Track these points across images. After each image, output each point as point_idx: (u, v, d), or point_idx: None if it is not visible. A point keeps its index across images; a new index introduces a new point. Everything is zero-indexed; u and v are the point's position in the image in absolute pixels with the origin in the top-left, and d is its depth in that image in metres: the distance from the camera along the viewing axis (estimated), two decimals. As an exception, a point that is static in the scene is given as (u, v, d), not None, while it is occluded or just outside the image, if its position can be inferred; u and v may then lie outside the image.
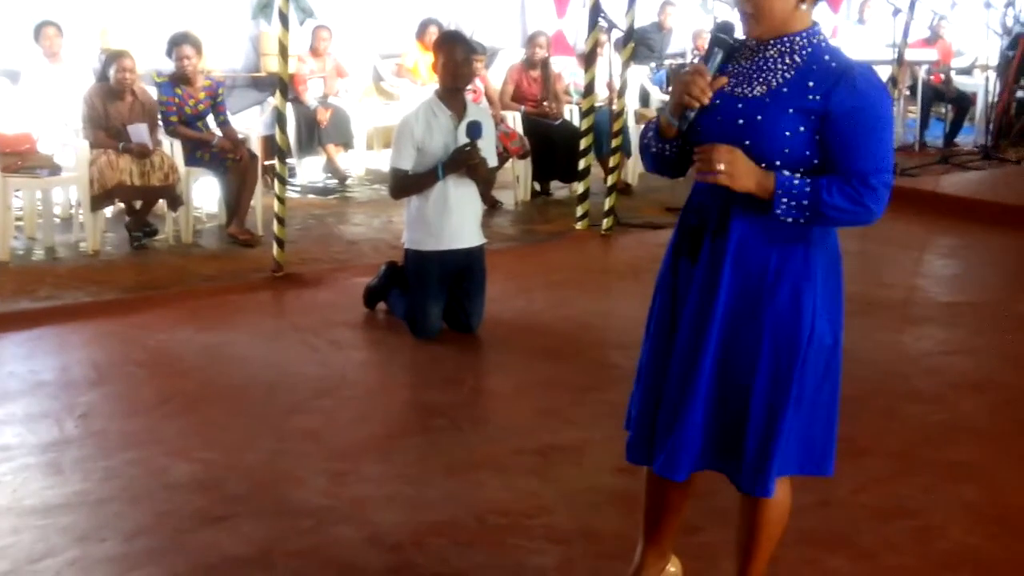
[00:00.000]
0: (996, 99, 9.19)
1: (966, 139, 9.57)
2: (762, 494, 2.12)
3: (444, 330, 4.50)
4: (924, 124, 9.36)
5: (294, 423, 3.64)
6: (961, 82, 9.61)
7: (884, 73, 8.17)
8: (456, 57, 4.26)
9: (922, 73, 9.17)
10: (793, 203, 1.97)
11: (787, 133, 1.97)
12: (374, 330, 4.71)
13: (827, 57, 2.01)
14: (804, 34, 2.01)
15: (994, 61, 9.19)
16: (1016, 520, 2.95)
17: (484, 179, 4.37)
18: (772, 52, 2.03)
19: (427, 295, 4.39)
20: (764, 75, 2.02)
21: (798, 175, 1.99)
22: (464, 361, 4.32)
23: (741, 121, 2.01)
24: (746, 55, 2.07)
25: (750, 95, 2.01)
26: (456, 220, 4.35)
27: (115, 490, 3.12)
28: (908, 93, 9.55)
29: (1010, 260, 6.04)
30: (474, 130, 4.19)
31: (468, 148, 4.20)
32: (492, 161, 4.41)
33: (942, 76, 9.28)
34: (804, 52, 2.01)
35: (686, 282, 2.14)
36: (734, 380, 2.09)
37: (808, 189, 1.96)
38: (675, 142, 2.12)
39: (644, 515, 2.42)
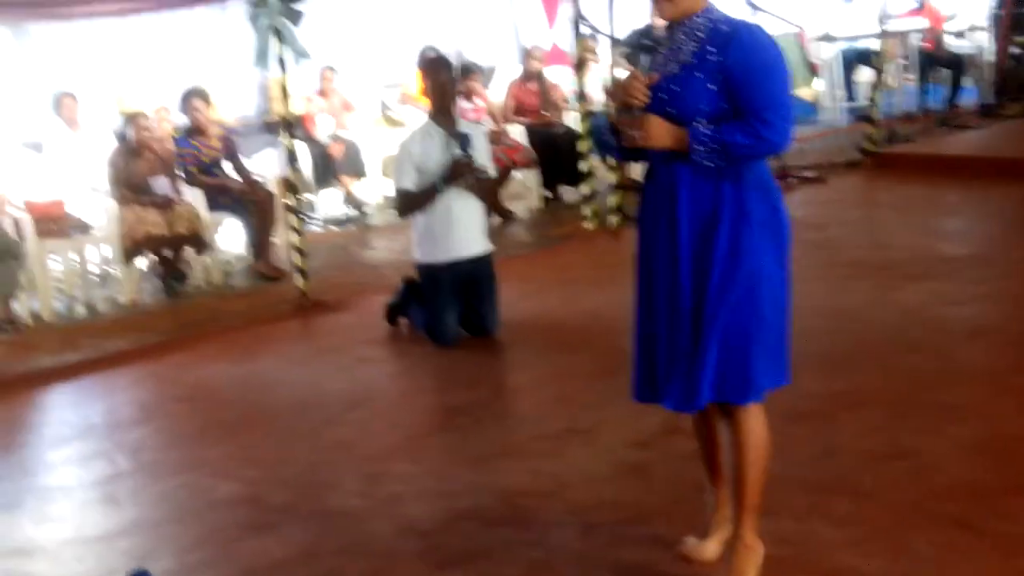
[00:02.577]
0: (994, 57, 9.28)
1: (968, 100, 9.63)
2: (742, 400, 2.42)
3: (464, 337, 4.72)
4: (923, 91, 9.45)
5: (327, 436, 3.87)
6: (956, 45, 9.68)
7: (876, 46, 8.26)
8: (441, 80, 4.53)
9: (914, 41, 9.27)
10: (705, 149, 2.33)
11: (702, 94, 2.35)
12: (397, 344, 4.95)
13: (722, 25, 2.38)
14: (702, 14, 2.40)
15: (983, 21, 9.28)
16: (1009, 447, 3.10)
17: (482, 188, 4.60)
18: (680, 36, 2.42)
19: (442, 304, 4.62)
20: (677, 55, 2.41)
21: (709, 125, 2.33)
22: (483, 362, 4.54)
23: (663, 95, 2.39)
24: (663, 44, 2.46)
25: (668, 73, 2.41)
26: (461, 231, 4.58)
27: (167, 513, 3.37)
28: (904, 62, 9.65)
29: (1008, 211, 6.13)
30: (464, 141, 4.44)
31: (462, 159, 4.44)
32: (488, 170, 4.64)
33: (935, 42, 9.37)
34: (704, 28, 2.39)
35: (654, 234, 2.47)
36: (698, 315, 2.39)
37: (715, 134, 2.32)
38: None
39: (703, 460, 2.70)
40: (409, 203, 4.60)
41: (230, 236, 6.89)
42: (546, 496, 3.16)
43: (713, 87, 2.33)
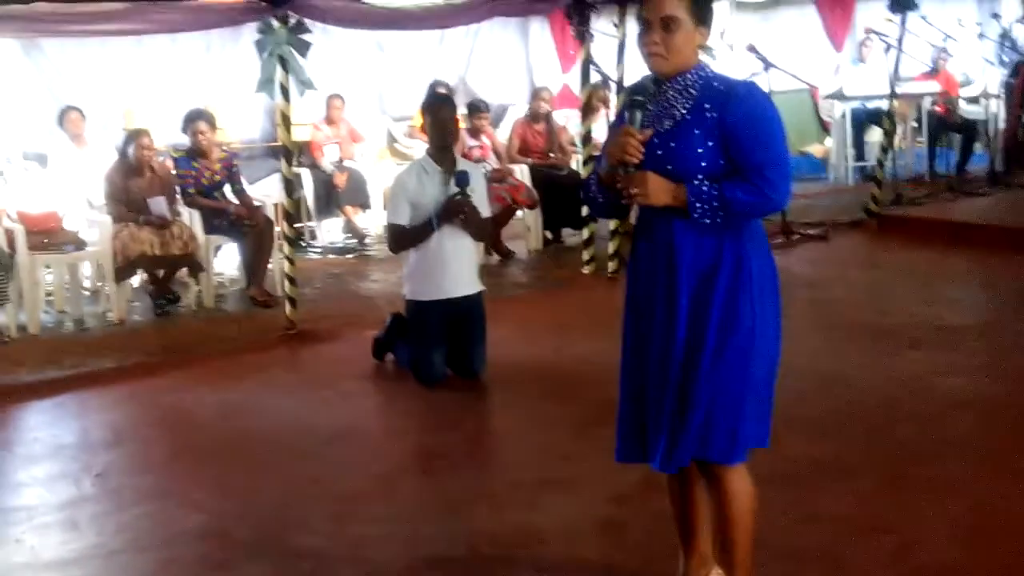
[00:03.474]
0: (1005, 125, 9.26)
1: (978, 167, 9.59)
2: (730, 461, 2.39)
3: (450, 376, 4.64)
4: (932, 155, 9.42)
5: (300, 470, 3.78)
6: (968, 111, 9.67)
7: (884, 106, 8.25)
8: (442, 117, 4.49)
9: (926, 105, 9.26)
10: (705, 206, 2.30)
11: (699, 150, 2.32)
12: (382, 380, 4.87)
13: (716, 83, 2.37)
14: (694, 71, 2.38)
15: (996, 89, 9.28)
16: (996, 529, 2.99)
17: (477, 228, 4.54)
18: (671, 92, 2.38)
19: (429, 343, 4.55)
20: (669, 111, 2.38)
21: (707, 182, 2.31)
22: (467, 404, 4.45)
23: (660, 152, 2.35)
24: (651, 101, 2.40)
25: (662, 129, 2.37)
26: (453, 270, 4.52)
27: (126, 542, 3.28)
28: (915, 125, 9.63)
29: (1013, 282, 6.01)
30: (462, 179, 4.39)
31: (458, 197, 4.39)
32: (484, 211, 4.58)
33: (947, 107, 9.36)
34: (697, 85, 2.36)
35: (651, 290, 2.41)
36: (690, 371, 2.35)
37: (715, 192, 2.30)
38: (616, 191, 2.43)
39: (676, 523, 2.63)
40: (401, 238, 4.55)
41: (225, 260, 6.86)
42: (516, 548, 3.07)
43: (711, 144, 2.31)
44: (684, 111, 2.34)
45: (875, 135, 9.33)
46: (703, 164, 2.31)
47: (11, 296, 5.60)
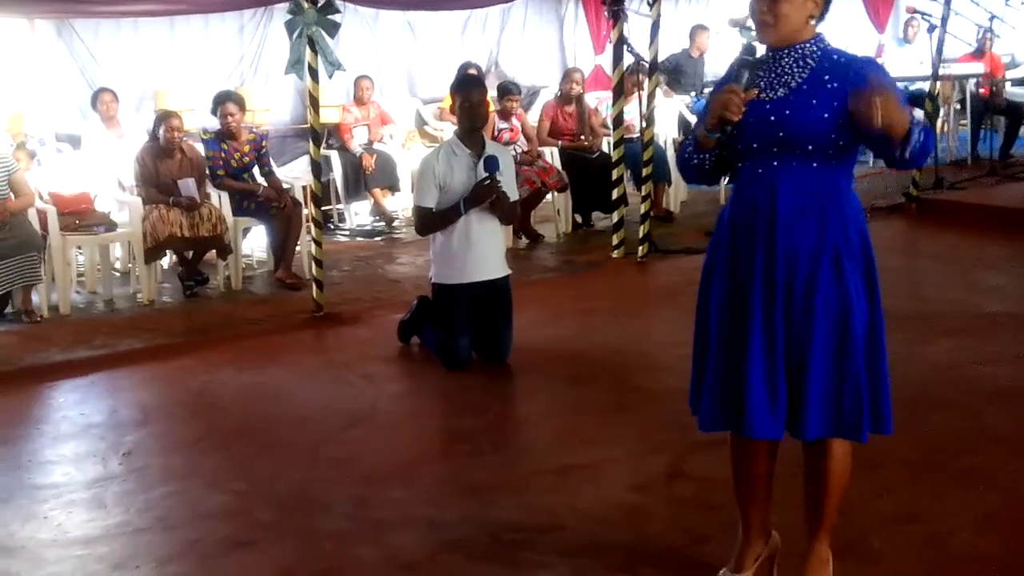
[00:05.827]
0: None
1: (1023, 150, 9.35)
2: (863, 439, 2.42)
3: (475, 360, 4.61)
4: (975, 137, 9.20)
5: (324, 453, 3.78)
6: (1014, 93, 9.42)
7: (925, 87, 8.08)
8: (471, 99, 4.44)
9: (970, 86, 9.03)
10: (921, 136, 2.23)
11: (814, 120, 2.29)
12: (407, 363, 4.85)
13: (836, 56, 2.36)
14: (812, 42, 2.36)
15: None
16: (1030, 522, 2.91)
17: (505, 212, 4.50)
18: (786, 60, 2.36)
19: (455, 327, 4.51)
20: (783, 79, 2.35)
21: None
22: (492, 389, 4.42)
23: (772, 118, 2.32)
24: (763, 67, 2.38)
25: (774, 97, 2.34)
26: (479, 253, 4.48)
27: (152, 521, 3.29)
28: (959, 107, 9.41)
29: (1058, 269, 5.88)
30: (491, 164, 4.33)
31: (487, 182, 4.34)
32: (512, 194, 4.53)
33: (992, 88, 9.12)
34: (815, 56, 2.35)
35: (747, 262, 2.38)
36: (795, 350, 2.35)
37: (923, 125, 2.26)
38: (713, 153, 2.44)
39: (737, 497, 2.60)
40: (429, 222, 4.51)
41: (254, 242, 6.88)
42: (537, 534, 3.04)
43: (827, 115, 2.28)
44: (800, 80, 2.32)
45: (917, 117, 9.09)
46: (816, 134, 2.28)
47: (43, 276, 5.66)
